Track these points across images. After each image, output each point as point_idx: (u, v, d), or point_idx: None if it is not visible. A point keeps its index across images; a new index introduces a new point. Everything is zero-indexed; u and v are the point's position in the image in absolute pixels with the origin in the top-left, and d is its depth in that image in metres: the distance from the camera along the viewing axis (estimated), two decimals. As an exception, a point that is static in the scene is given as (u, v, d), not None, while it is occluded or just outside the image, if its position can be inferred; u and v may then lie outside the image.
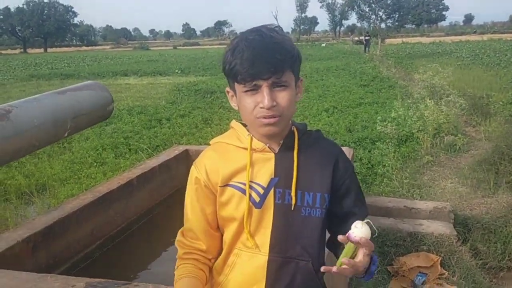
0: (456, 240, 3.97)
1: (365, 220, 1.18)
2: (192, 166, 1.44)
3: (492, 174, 5.99)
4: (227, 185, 1.36)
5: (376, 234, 1.18)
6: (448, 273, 3.67)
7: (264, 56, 1.23)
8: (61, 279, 2.11)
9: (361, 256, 1.18)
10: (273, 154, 1.37)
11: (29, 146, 1.52)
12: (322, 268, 1.19)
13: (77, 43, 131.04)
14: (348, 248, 1.19)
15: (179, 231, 1.46)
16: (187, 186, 1.44)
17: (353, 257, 1.19)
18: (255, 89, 1.26)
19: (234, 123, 1.46)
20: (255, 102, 1.27)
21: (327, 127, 8.95)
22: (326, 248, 1.47)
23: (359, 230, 1.16)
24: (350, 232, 1.17)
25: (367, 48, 35.72)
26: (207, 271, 1.43)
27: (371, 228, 1.17)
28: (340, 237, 1.18)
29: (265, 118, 1.27)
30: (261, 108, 1.26)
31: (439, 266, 3.70)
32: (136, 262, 3.29)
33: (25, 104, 1.57)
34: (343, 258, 1.17)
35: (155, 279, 2.88)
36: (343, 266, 1.16)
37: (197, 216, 1.40)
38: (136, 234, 3.48)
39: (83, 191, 4.11)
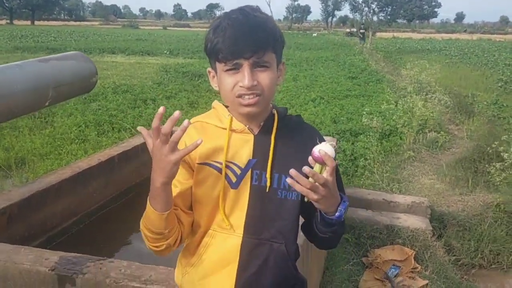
0: (431, 235, 4.03)
1: (330, 143, 1.19)
2: None
3: (471, 172, 6.08)
4: (204, 163, 1.36)
5: (337, 153, 1.18)
6: (421, 267, 3.73)
7: (246, 35, 1.22)
8: (35, 251, 2.10)
9: (326, 175, 1.19)
10: (252, 136, 1.37)
11: (8, 112, 1.49)
12: (304, 167, 1.17)
13: (65, 17, 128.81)
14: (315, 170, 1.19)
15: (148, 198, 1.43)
16: None
17: None
18: (236, 67, 1.26)
19: (215, 103, 1.45)
20: (235, 81, 1.26)
21: (312, 117, 8.96)
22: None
23: (322, 146, 1.18)
24: (313, 149, 1.18)
25: (362, 42, 32.84)
26: (180, 224, 1.37)
27: (335, 151, 1.18)
28: (304, 167, 1.17)
29: (244, 97, 1.27)
30: (241, 86, 1.26)
31: (412, 260, 3.75)
32: (112, 240, 3.28)
33: (7, 69, 1.54)
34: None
35: (130, 257, 2.88)
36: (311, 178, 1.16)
37: (173, 191, 1.36)
38: (114, 212, 3.47)
39: (63, 167, 4.07)
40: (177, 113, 1.13)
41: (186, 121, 1.17)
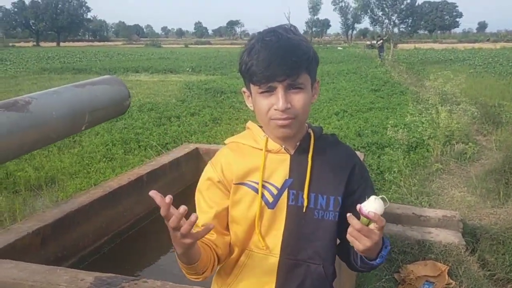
0: (465, 250, 3.94)
1: (380, 196, 1.17)
2: (208, 164, 1.44)
3: (502, 184, 5.94)
4: (241, 183, 1.36)
5: (387, 206, 1.16)
6: (455, 283, 3.64)
7: (279, 58, 1.22)
8: (70, 272, 2.11)
9: (373, 229, 1.17)
10: (288, 156, 1.36)
11: (46, 138, 1.53)
12: (348, 215, 1.16)
13: (90, 38, 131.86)
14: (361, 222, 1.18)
15: None
16: (199, 184, 1.43)
17: None
18: (270, 90, 1.26)
19: (250, 124, 1.46)
20: (270, 104, 1.26)
21: (336, 130, 8.92)
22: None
23: (371, 204, 1.15)
24: (362, 205, 1.16)
25: (381, 54, 30.56)
26: (215, 252, 1.37)
27: (384, 203, 1.16)
28: (349, 215, 1.16)
29: (279, 120, 1.26)
30: (275, 110, 1.25)
31: (446, 276, 3.67)
32: (144, 258, 3.29)
33: (44, 96, 1.57)
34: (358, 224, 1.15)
35: (163, 276, 2.88)
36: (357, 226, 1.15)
37: (208, 213, 1.38)
38: (145, 230, 3.49)
39: (92, 186, 4.13)
40: (193, 217, 1.11)
41: (211, 225, 1.18)
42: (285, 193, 1.34)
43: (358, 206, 1.16)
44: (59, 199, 5.50)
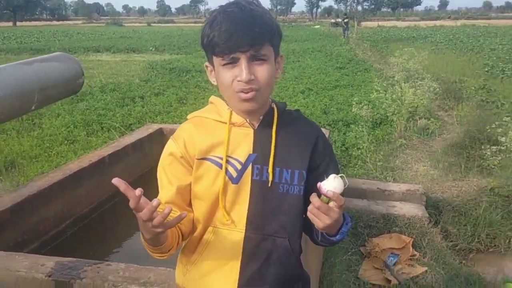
0: (428, 222, 4.03)
1: (340, 174, 1.18)
2: (170, 139, 1.40)
3: (463, 158, 6.10)
4: (204, 158, 1.33)
5: (346, 186, 1.17)
6: (419, 254, 3.72)
7: (242, 28, 1.20)
8: (30, 257, 2.05)
9: (333, 207, 1.18)
10: (252, 130, 1.34)
11: (-7, 118, 1.44)
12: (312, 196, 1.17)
13: (48, 17, 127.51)
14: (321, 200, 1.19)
15: None
16: (161, 160, 1.39)
17: None
18: (233, 62, 1.23)
19: (213, 98, 1.42)
20: (233, 76, 1.24)
21: (302, 108, 8.93)
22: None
23: (330, 183, 1.16)
24: (321, 183, 1.17)
25: (346, 32, 30.93)
26: (179, 229, 1.34)
27: (344, 182, 1.17)
28: (312, 196, 1.17)
29: (243, 92, 1.24)
30: (239, 81, 1.23)
31: (410, 248, 3.75)
32: (108, 242, 3.23)
33: (-12, 74, 1.48)
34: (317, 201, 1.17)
35: (127, 258, 2.83)
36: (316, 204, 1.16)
37: (171, 190, 1.35)
38: (108, 213, 3.41)
39: (53, 169, 4.00)
40: (155, 202, 1.07)
41: (183, 213, 1.14)
42: (249, 168, 1.32)
43: (318, 184, 1.17)
44: (20, 184, 5.32)
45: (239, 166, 1.32)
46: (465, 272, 3.62)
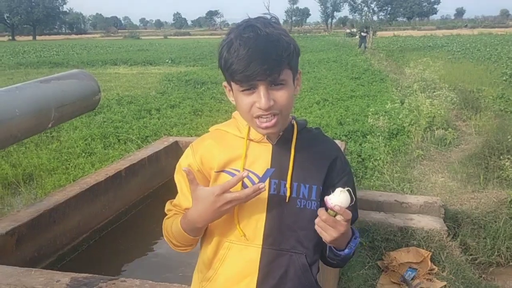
0: (446, 235, 3.96)
1: (346, 188, 1.19)
2: (189, 148, 1.43)
3: (482, 169, 6.00)
4: (222, 171, 1.34)
5: (353, 203, 1.20)
6: (438, 268, 3.66)
7: (259, 57, 1.19)
8: (45, 273, 2.06)
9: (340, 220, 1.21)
10: (270, 145, 1.35)
11: (10, 137, 1.45)
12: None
13: (67, 31, 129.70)
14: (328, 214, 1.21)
15: (168, 202, 1.45)
16: (180, 163, 1.42)
17: None
18: (252, 88, 1.23)
19: (235, 113, 1.43)
20: (252, 102, 1.24)
21: (318, 119, 8.91)
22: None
23: (336, 197, 1.18)
24: (328, 197, 1.19)
25: (364, 44, 28.62)
26: None
27: (350, 196, 1.19)
28: (319, 209, 1.21)
29: (262, 120, 1.25)
30: (258, 108, 1.24)
31: (429, 261, 3.69)
32: (123, 256, 3.23)
33: (6, 93, 1.49)
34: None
35: (143, 273, 2.83)
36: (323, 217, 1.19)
37: (187, 196, 1.36)
38: (124, 227, 3.42)
39: (71, 182, 4.04)
40: (245, 173, 1.23)
41: (245, 173, 1.24)
42: (267, 182, 1.32)
43: (325, 198, 1.20)
44: (38, 196, 5.39)
45: (256, 180, 1.32)
46: (485, 287, 3.55)
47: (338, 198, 1.17)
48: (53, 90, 1.67)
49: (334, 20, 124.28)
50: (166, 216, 1.43)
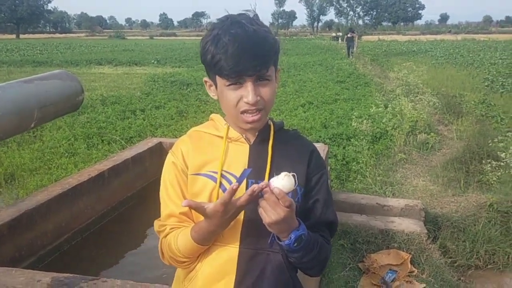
0: (426, 238, 4.01)
1: (291, 173, 1.18)
2: (169, 153, 1.43)
3: (463, 173, 6.10)
4: (197, 174, 1.35)
5: (296, 186, 1.19)
6: (417, 271, 3.71)
7: (249, 53, 1.22)
8: (26, 273, 2.05)
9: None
10: (247, 145, 1.38)
11: (-8, 136, 1.46)
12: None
13: (51, 30, 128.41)
14: None
15: (156, 221, 1.41)
16: (164, 174, 1.41)
17: None
18: (239, 82, 1.26)
19: (213, 115, 1.47)
20: (238, 96, 1.27)
21: (303, 122, 8.96)
22: None
23: (279, 180, 1.16)
24: (271, 180, 1.18)
25: (351, 50, 26.42)
26: None
27: (294, 181, 1.17)
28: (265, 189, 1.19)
29: (248, 114, 1.28)
30: (245, 102, 1.27)
31: (409, 264, 3.74)
32: (106, 256, 3.23)
33: (-12, 93, 1.50)
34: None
35: (125, 274, 2.83)
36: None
37: (177, 201, 1.36)
38: (107, 227, 3.42)
39: (53, 182, 4.01)
40: (235, 185, 1.17)
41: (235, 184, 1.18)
42: (244, 182, 1.33)
43: (269, 180, 1.19)
44: (19, 196, 5.33)
45: (233, 181, 1.32)
46: (464, 289, 3.61)
47: (281, 181, 1.16)
48: (36, 90, 1.67)
49: (320, 24, 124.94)
50: (163, 235, 1.38)
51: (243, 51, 1.22)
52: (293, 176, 1.18)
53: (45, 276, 2.00)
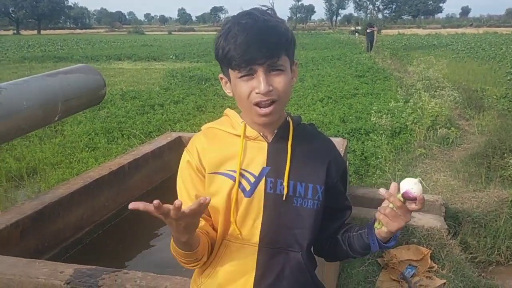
0: (447, 234, 3.98)
1: (417, 178, 1.18)
2: (184, 152, 1.41)
3: (484, 168, 6.01)
4: (216, 173, 1.33)
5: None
6: (437, 266, 3.69)
7: (258, 41, 1.19)
8: (49, 265, 2.09)
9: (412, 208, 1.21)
10: (266, 143, 1.34)
11: (17, 129, 1.48)
12: (381, 191, 1.21)
13: (71, 25, 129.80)
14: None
15: None
16: (179, 172, 1.40)
17: None
18: (251, 73, 1.23)
19: (228, 110, 1.43)
20: (251, 88, 1.23)
21: (321, 117, 8.93)
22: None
23: (418, 187, 1.16)
24: (408, 188, 1.17)
25: (371, 44, 25.68)
26: (208, 237, 1.35)
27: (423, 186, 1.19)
28: (383, 191, 1.21)
29: (261, 106, 1.24)
30: (257, 93, 1.23)
31: (429, 259, 3.71)
32: (126, 249, 3.27)
33: (14, 86, 1.52)
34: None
35: (145, 266, 2.86)
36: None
37: (187, 201, 1.33)
38: (127, 221, 3.45)
39: (74, 176, 4.07)
40: (208, 199, 1.09)
41: (207, 198, 1.11)
42: (263, 181, 1.31)
43: (406, 189, 1.18)
44: (41, 190, 5.43)
45: (252, 179, 1.31)
46: (485, 285, 3.57)
47: (419, 187, 1.17)
48: (60, 84, 1.69)
49: (339, 18, 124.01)
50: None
51: (252, 39, 1.19)
52: (420, 181, 1.18)
53: (67, 267, 2.03)
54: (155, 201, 1.05)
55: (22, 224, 2.65)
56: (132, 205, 1.06)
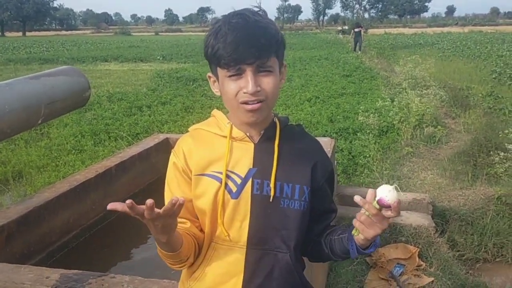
0: (434, 232, 4.01)
1: (393, 186, 1.16)
2: (171, 153, 1.41)
3: (471, 166, 6.07)
4: (202, 174, 1.32)
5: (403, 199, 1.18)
6: (425, 265, 3.71)
7: (248, 40, 1.19)
8: (35, 270, 2.06)
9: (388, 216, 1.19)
10: (252, 144, 1.34)
11: (0, 133, 1.46)
12: (356, 198, 1.18)
13: (57, 27, 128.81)
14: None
15: None
16: (167, 174, 1.40)
17: None
18: (239, 73, 1.22)
19: (215, 111, 1.42)
20: (238, 87, 1.23)
21: (309, 117, 8.95)
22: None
23: (392, 194, 1.14)
24: (382, 196, 1.15)
25: (358, 44, 25.45)
26: (194, 238, 1.35)
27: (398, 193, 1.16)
28: (358, 198, 1.18)
29: (248, 104, 1.23)
30: (244, 93, 1.22)
31: (417, 258, 3.73)
32: (113, 253, 3.24)
33: (-5, 90, 1.50)
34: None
35: (133, 270, 2.85)
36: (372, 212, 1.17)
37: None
38: (114, 224, 3.43)
39: (61, 179, 4.04)
40: (181, 199, 1.08)
41: (180, 199, 1.10)
42: (249, 182, 1.31)
43: (377, 195, 1.17)
44: (27, 194, 5.37)
45: (238, 181, 1.31)
46: (472, 282, 3.60)
47: (394, 195, 1.14)
48: (43, 87, 1.67)
49: (326, 18, 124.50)
50: None
51: (241, 39, 1.19)
52: (395, 188, 1.16)
53: (53, 272, 2.01)
54: (128, 201, 1.05)
55: (7, 229, 2.62)
56: (110, 206, 1.07)
